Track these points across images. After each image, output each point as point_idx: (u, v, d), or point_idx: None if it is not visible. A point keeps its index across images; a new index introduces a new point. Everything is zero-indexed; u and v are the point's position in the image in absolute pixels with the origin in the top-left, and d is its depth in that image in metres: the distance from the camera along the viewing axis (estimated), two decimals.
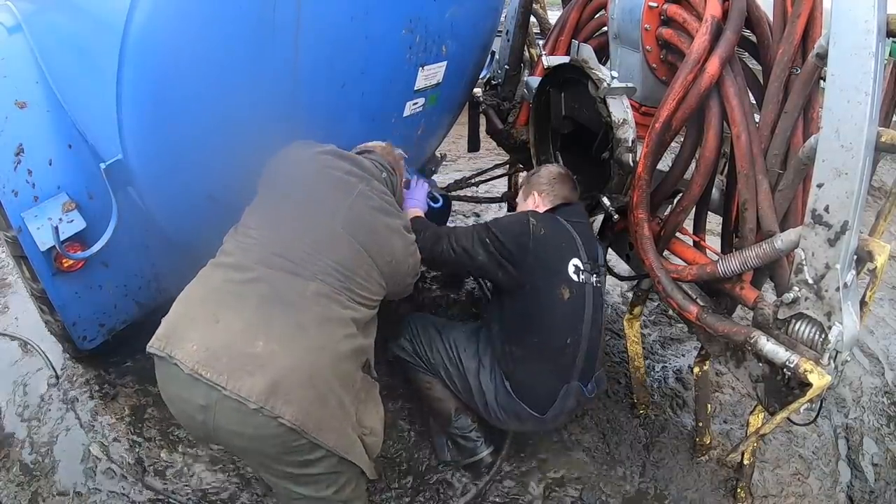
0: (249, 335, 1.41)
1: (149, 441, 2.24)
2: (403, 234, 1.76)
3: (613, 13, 2.15)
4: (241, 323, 1.42)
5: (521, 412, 1.97)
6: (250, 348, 1.38)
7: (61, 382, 2.45)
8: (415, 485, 2.17)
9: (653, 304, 3.19)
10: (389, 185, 1.86)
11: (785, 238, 1.59)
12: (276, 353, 1.39)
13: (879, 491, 2.30)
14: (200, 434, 1.50)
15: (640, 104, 2.18)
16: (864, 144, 1.34)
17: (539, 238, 1.92)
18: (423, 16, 2.09)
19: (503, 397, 1.99)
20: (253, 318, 1.43)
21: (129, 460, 2.16)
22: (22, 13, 2.06)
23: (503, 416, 2.01)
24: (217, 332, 1.41)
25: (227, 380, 1.35)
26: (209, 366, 1.36)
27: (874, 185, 4.23)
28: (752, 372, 1.77)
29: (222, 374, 1.35)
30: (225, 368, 1.36)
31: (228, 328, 1.42)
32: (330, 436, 1.43)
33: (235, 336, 1.40)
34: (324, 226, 1.60)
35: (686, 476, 2.28)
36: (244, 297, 1.47)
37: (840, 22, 1.35)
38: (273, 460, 1.46)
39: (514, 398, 1.96)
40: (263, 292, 1.47)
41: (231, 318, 1.43)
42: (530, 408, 1.96)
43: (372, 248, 1.63)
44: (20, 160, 1.92)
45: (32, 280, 2.06)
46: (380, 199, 1.73)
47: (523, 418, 1.99)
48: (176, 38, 1.58)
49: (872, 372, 2.88)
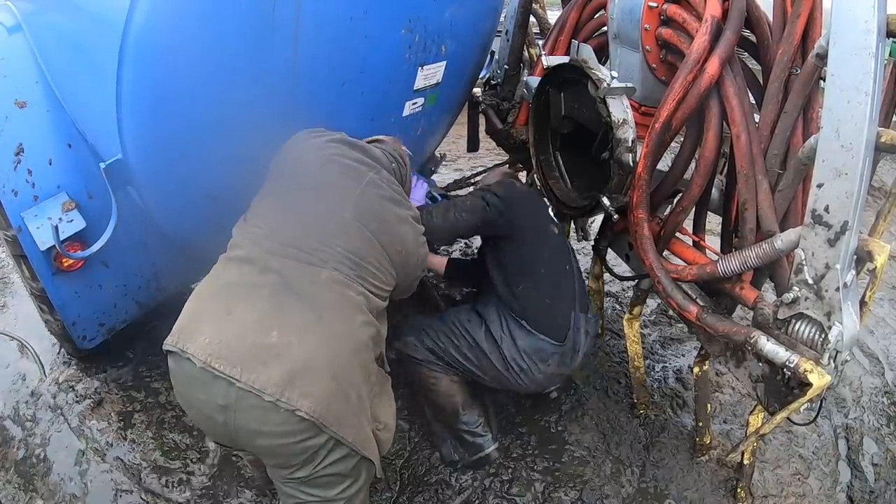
0: (263, 326, 1.37)
1: (141, 444, 2.23)
2: (413, 225, 1.72)
3: (613, 13, 2.15)
4: (254, 314, 1.39)
5: (543, 346, 2.09)
6: (265, 339, 1.35)
7: (48, 386, 2.45)
8: (414, 485, 2.17)
9: (653, 304, 3.19)
10: (398, 175, 1.83)
11: (785, 238, 1.59)
12: (291, 343, 1.36)
13: (879, 491, 2.30)
14: (224, 438, 1.45)
15: (639, 104, 2.18)
16: (864, 144, 1.34)
17: (522, 189, 2.28)
18: (422, 15, 2.09)
19: (522, 338, 2.08)
20: (266, 309, 1.40)
21: (124, 463, 2.16)
22: (22, 13, 2.06)
23: (525, 362, 2.08)
24: (229, 324, 1.38)
25: (241, 371, 1.31)
26: (222, 357, 1.32)
27: (874, 185, 4.23)
28: (752, 372, 1.77)
29: (236, 366, 1.31)
30: (238, 360, 1.32)
31: (241, 320, 1.38)
32: (349, 431, 1.39)
33: (248, 327, 1.37)
34: (334, 214, 1.56)
35: (686, 476, 2.28)
36: (256, 289, 1.43)
37: (840, 22, 1.35)
38: (293, 459, 1.41)
39: (533, 332, 2.08)
40: (275, 282, 1.43)
41: (243, 310, 1.40)
42: (550, 338, 2.09)
43: (383, 237, 1.60)
44: (20, 160, 1.92)
45: (32, 279, 2.06)
46: (390, 189, 1.69)
47: (546, 354, 2.09)
48: (176, 37, 1.58)
49: (872, 372, 2.88)
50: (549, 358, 2.10)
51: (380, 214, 1.63)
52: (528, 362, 2.08)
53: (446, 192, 2.81)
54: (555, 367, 2.12)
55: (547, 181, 2.43)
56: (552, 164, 2.45)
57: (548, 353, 2.09)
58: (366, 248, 1.56)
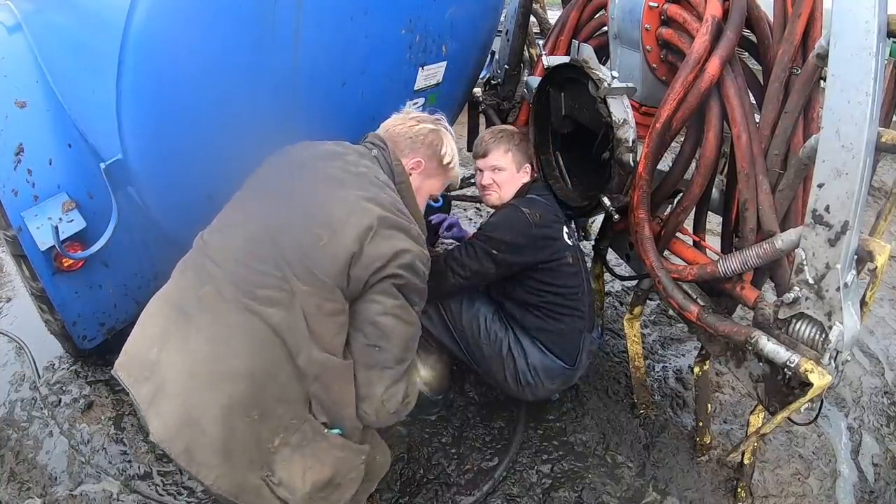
0: (149, 342, 1.40)
1: (133, 447, 2.22)
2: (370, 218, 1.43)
3: (613, 13, 2.14)
4: (152, 328, 1.43)
5: (554, 367, 2.12)
6: (147, 355, 1.38)
7: (42, 387, 2.44)
8: (414, 485, 2.17)
9: (653, 304, 3.19)
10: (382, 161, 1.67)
11: (785, 238, 1.59)
12: (163, 361, 1.36)
13: (879, 491, 2.30)
14: None
15: (640, 104, 2.18)
16: (864, 144, 1.34)
17: (538, 223, 2.03)
18: (422, 15, 2.08)
19: (534, 355, 2.11)
20: (157, 325, 1.42)
21: (116, 465, 2.15)
22: (22, 13, 2.05)
23: (533, 378, 2.12)
24: (134, 337, 1.45)
25: (133, 384, 1.37)
26: (124, 369, 1.40)
27: (874, 185, 4.23)
28: (752, 372, 1.77)
29: (130, 377, 1.38)
30: (132, 373, 1.39)
31: (143, 333, 1.44)
32: (208, 471, 1.28)
33: (140, 342, 1.42)
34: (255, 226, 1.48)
35: (686, 476, 2.28)
36: (162, 302, 1.47)
37: (840, 22, 1.35)
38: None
39: (548, 354, 2.10)
40: (173, 297, 1.45)
41: (147, 324, 1.45)
42: (563, 361, 2.13)
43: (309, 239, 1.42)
44: (20, 159, 1.92)
45: (32, 279, 2.06)
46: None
47: (555, 374, 2.13)
48: (176, 37, 1.58)
49: (872, 372, 2.88)
50: (556, 377, 2.15)
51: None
52: (536, 379, 2.13)
53: (447, 192, 2.80)
54: (558, 385, 2.22)
55: (547, 181, 2.43)
56: (553, 164, 2.46)
57: (557, 373, 2.14)
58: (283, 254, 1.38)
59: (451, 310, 2.18)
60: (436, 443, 2.32)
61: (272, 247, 1.39)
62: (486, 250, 1.97)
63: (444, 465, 2.24)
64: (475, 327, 2.16)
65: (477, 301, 2.21)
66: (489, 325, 2.16)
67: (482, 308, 2.20)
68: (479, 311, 2.19)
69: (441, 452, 2.29)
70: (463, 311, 2.19)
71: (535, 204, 2.10)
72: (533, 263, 2.05)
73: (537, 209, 2.06)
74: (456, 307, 2.19)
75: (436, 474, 2.21)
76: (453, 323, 2.19)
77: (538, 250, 2.03)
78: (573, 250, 2.15)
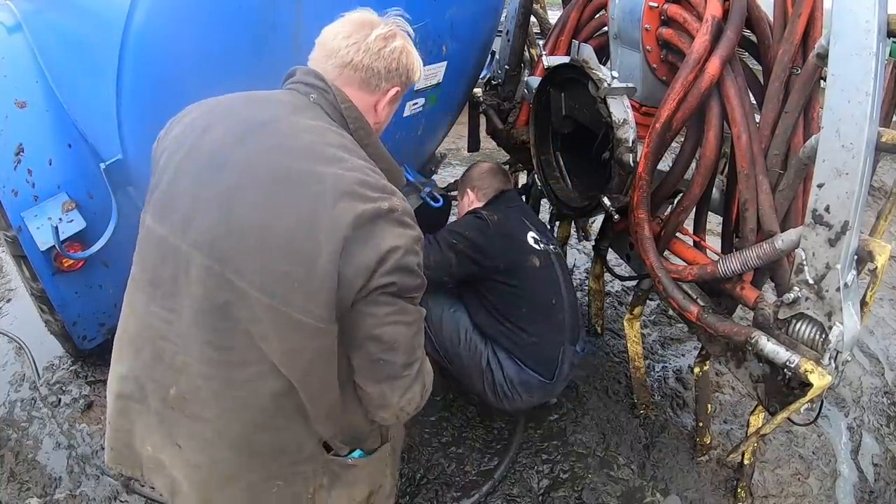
0: (127, 436, 1.38)
1: None
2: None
3: (613, 13, 2.14)
4: (120, 421, 1.40)
5: (531, 381, 2.10)
6: (140, 451, 1.37)
7: (42, 387, 2.45)
8: (414, 485, 2.17)
9: (653, 304, 3.19)
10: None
11: (785, 238, 1.59)
12: (161, 459, 1.34)
13: (879, 491, 2.30)
14: None
15: (640, 104, 2.18)
16: (864, 144, 1.34)
17: (496, 222, 2.11)
18: (422, 16, 2.08)
19: (510, 368, 2.09)
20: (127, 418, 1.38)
21: None
22: (22, 12, 2.05)
23: (510, 391, 2.10)
24: (112, 426, 1.42)
25: (143, 478, 1.41)
26: (124, 465, 1.41)
27: (874, 185, 4.23)
28: (752, 372, 1.77)
29: (136, 472, 1.41)
30: (135, 471, 1.41)
31: (116, 421, 1.41)
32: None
33: (119, 436, 1.40)
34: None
35: (686, 476, 2.28)
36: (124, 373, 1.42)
37: (841, 22, 1.35)
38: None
39: (524, 368, 2.08)
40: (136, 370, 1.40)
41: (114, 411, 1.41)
42: (539, 374, 2.10)
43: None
44: (20, 160, 1.92)
45: (32, 280, 2.06)
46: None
47: (532, 387, 2.10)
48: (176, 37, 1.58)
49: (872, 372, 2.89)
50: (534, 391, 2.14)
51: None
52: (513, 391, 2.12)
53: (447, 192, 2.81)
54: (538, 398, 2.20)
55: (547, 181, 2.43)
56: (553, 165, 2.46)
57: (534, 386, 2.12)
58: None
59: (432, 321, 2.18)
60: (436, 443, 2.33)
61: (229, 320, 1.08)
62: (448, 242, 2.06)
63: (444, 465, 2.24)
64: (455, 339, 2.17)
65: (458, 312, 2.23)
66: (469, 336, 2.16)
67: (462, 319, 2.20)
68: (461, 323, 2.19)
69: (441, 452, 2.29)
70: (444, 322, 2.19)
71: (495, 209, 2.21)
72: (493, 264, 2.07)
73: (495, 212, 2.17)
74: (437, 318, 2.19)
75: (436, 474, 2.21)
76: (434, 334, 2.19)
77: (496, 248, 2.08)
78: (541, 255, 2.14)
